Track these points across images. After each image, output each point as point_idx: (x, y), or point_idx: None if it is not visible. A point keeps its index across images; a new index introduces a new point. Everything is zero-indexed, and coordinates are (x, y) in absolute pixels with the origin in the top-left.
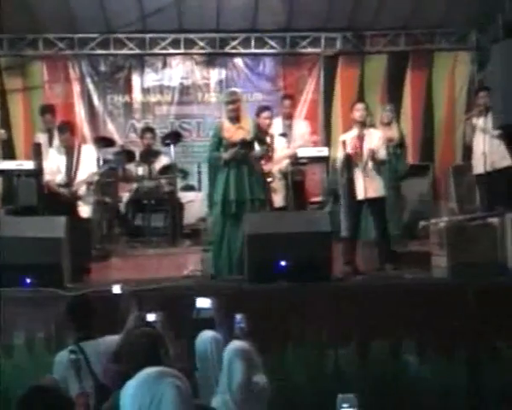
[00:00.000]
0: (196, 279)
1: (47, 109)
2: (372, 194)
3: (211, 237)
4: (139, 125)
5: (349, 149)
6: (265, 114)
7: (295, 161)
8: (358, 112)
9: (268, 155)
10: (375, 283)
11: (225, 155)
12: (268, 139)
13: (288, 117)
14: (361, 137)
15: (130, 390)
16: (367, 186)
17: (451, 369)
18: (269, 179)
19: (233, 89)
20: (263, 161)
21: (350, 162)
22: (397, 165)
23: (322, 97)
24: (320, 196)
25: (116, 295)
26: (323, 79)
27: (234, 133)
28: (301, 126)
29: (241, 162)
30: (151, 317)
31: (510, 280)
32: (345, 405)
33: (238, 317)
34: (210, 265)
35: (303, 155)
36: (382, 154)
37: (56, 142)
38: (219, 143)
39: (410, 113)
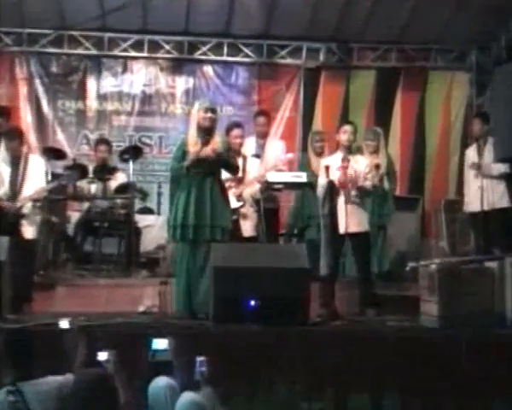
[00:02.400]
0: (153, 316)
1: None
2: (354, 228)
3: (170, 268)
4: (93, 137)
5: (334, 176)
6: (236, 131)
7: (267, 185)
8: (345, 135)
9: (238, 176)
10: (355, 329)
11: (187, 163)
12: (239, 160)
13: (262, 136)
14: (346, 163)
15: None
16: (349, 219)
17: None
18: (239, 204)
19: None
20: (232, 183)
21: (333, 190)
22: (383, 196)
23: (301, 115)
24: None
25: (62, 330)
26: (303, 95)
27: (201, 149)
28: (276, 147)
29: (204, 181)
30: (102, 356)
31: (509, 333)
32: None
33: (199, 360)
34: (168, 300)
35: (275, 180)
36: (368, 183)
37: (2, 150)
38: (183, 158)
39: (399, 138)
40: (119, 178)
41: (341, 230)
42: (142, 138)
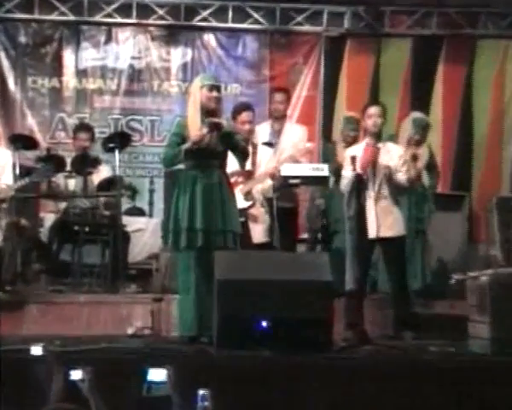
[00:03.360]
0: (146, 340)
1: None
2: (387, 232)
3: (165, 281)
4: (71, 121)
5: (360, 169)
6: (245, 115)
7: (282, 180)
8: (372, 119)
9: (245, 169)
10: (389, 357)
11: (186, 145)
12: (249, 149)
13: (279, 119)
14: (375, 152)
15: None
16: (381, 221)
17: None
18: (247, 203)
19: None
20: (239, 178)
21: (361, 186)
22: (422, 195)
23: (322, 95)
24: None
25: (34, 357)
26: (324, 70)
27: (204, 134)
28: (295, 133)
29: (211, 174)
30: (75, 375)
31: None
32: None
33: (202, 393)
34: (163, 320)
35: (290, 174)
36: (403, 178)
37: None
38: (181, 143)
39: (441, 123)
40: (102, 172)
41: (371, 234)
42: (130, 123)
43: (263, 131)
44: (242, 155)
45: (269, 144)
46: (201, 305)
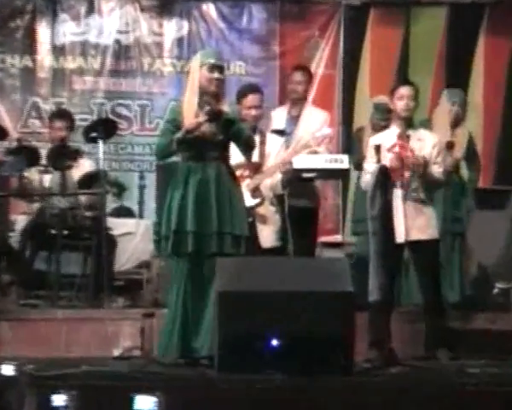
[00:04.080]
0: (134, 363)
1: None
2: (418, 235)
3: (157, 294)
4: (47, 107)
5: (386, 160)
6: (252, 98)
7: (293, 174)
8: (403, 101)
9: (253, 162)
10: (421, 379)
11: (178, 134)
12: (257, 139)
13: (298, 102)
14: (405, 142)
15: None
16: (410, 222)
17: None
18: (255, 201)
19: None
20: (245, 172)
21: (387, 181)
22: (460, 190)
23: (341, 73)
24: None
25: (4, 379)
26: (344, 44)
27: (200, 123)
28: (315, 119)
29: (207, 168)
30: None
31: None
32: None
33: None
34: (155, 339)
35: (302, 167)
36: (438, 171)
37: None
38: (176, 131)
39: (482, 105)
40: (83, 166)
41: (399, 238)
42: (116, 108)
43: (278, 118)
44: (246, 147)
45: (279, 132)
46: (194, 321)
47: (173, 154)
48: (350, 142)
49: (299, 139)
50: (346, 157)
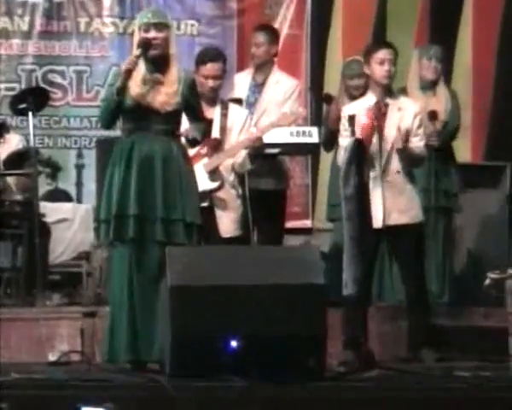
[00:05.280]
0: (73, 369)
1: None
2: (399, 219)
3: (100, 290)
4: None
5: (360, 133)
6: (211, 66)
7: (259, 151)
8: (383, 66)
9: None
10: (403, 384)
11: (118, 82)
12: (216, 111)
13: (264, 67)
14: (383, 111)
15: None
16: (390, 204)
17: None
18: (213, 184)
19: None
20: (202, 150)
21: (362, 156)
22: (446, 165)
23: (309, 33)
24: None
25: None
26: None
27: (147, 93)
28: (281, 87)
29: (153, 143)
30: None
31: None
32: None
33: None
34: (98, 341)
35: (268, 141)
36: (419, 145)
37: None
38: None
39: (472, 67)
40: (11, 143)
41: (377, 222)
42: (48, 75)
43: (241, 84)
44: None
45: (238, 101)
46: (135, 319)
47: (118, 117)
48: (319, 112)
49: (264, 112)
50: (315, 130)
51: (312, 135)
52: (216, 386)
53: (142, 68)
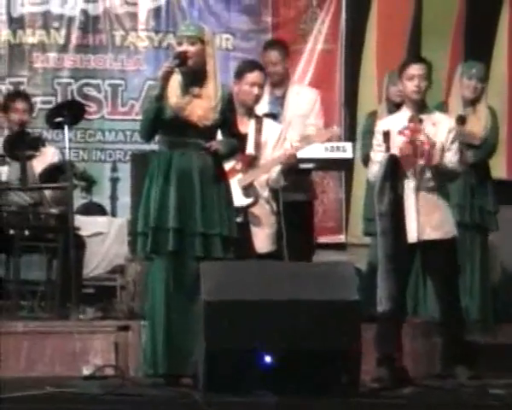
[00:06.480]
0: (107, 383)
1: None
2: (432, 234)
3: (134, 303)
4: (3, 88)
5: (396, 148)
6: (257, 74)
7: (293, 166)
8: (413, 81)
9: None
10: (437, 401)
11: (156, 90)
12: (251, 125)
13: (278, 84)
14: (417, 126)
15: None
16: (423, 220)
17: None
18: (247, 200)
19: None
20: (237, 166)
21: (397, 172)
22: (482, 182)
23: (343, 47)
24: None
25: None
26: (347, 15)
27: (186, 105)
28: (303, 99)
29: (190, 158)
30: None
31: None
32: None
33: None
34: (132, 355)
35: (302, 156)
36: (454, 159)
37: None
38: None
39: (507, 83)
40: (47, 156)
41: (411, 237)
42: (83, 89)
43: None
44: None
45: (272, 115)
46: (173, 334)
47: (157, 129)
48: (353, 127)
49: (289, 123)
50: (349, 145)
51: (346, 150)
52: (249, 401)
53: (179, 80)
